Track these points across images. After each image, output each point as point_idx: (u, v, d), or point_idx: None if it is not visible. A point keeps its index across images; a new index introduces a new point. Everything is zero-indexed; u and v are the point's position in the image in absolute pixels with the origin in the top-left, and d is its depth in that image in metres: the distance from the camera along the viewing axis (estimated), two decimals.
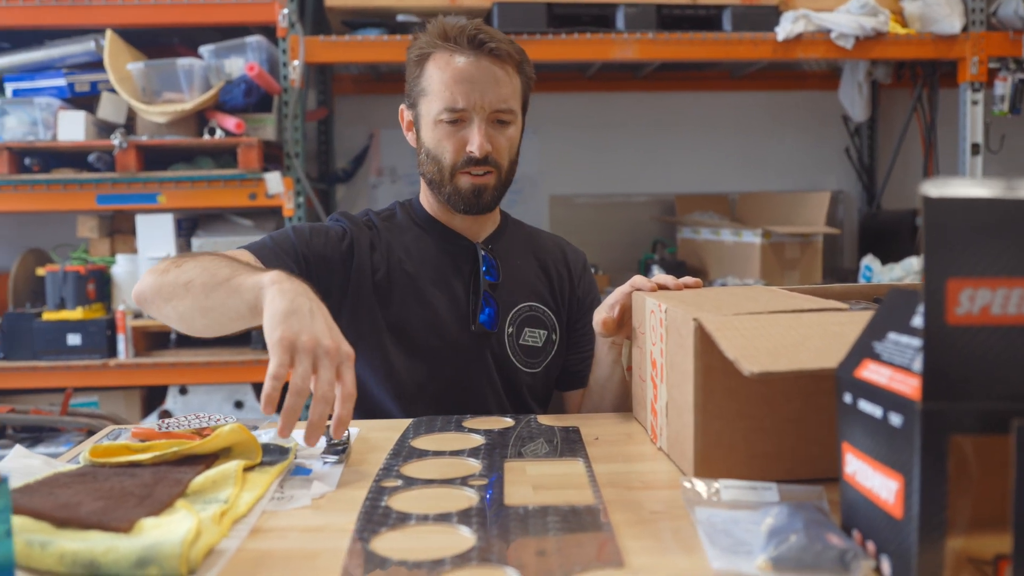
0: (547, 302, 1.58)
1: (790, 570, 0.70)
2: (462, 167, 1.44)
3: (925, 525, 0.64)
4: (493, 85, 1.42)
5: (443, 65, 1.43)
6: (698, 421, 0.95)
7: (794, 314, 0.98)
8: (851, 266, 3.80)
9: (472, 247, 1.53)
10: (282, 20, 2.89)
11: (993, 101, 3.15)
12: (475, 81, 1.41)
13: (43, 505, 0.82)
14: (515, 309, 1.53)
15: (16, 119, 2.86)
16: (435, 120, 1.44)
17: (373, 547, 0.79)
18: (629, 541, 0.79)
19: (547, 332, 1.56)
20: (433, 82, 1.44)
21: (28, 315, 2.94)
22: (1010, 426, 0.60)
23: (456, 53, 1.42)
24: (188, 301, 1.18)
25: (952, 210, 0.63)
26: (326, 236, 1.46)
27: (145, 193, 2.88)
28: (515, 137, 1.49)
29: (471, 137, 1.42)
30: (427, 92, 1.45)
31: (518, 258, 1.58)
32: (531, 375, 1.53)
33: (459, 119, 1.43)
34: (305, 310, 1.02)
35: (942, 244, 0.63)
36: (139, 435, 1.12)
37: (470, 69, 1.41)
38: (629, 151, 3.85)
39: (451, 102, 1.41)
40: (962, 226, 0.63)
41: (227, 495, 0.90)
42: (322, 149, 3.69)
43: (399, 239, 1.52)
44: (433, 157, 1.47)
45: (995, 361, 0.63)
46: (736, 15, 3.02)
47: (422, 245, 1.53)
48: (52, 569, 0.73)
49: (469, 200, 1.46)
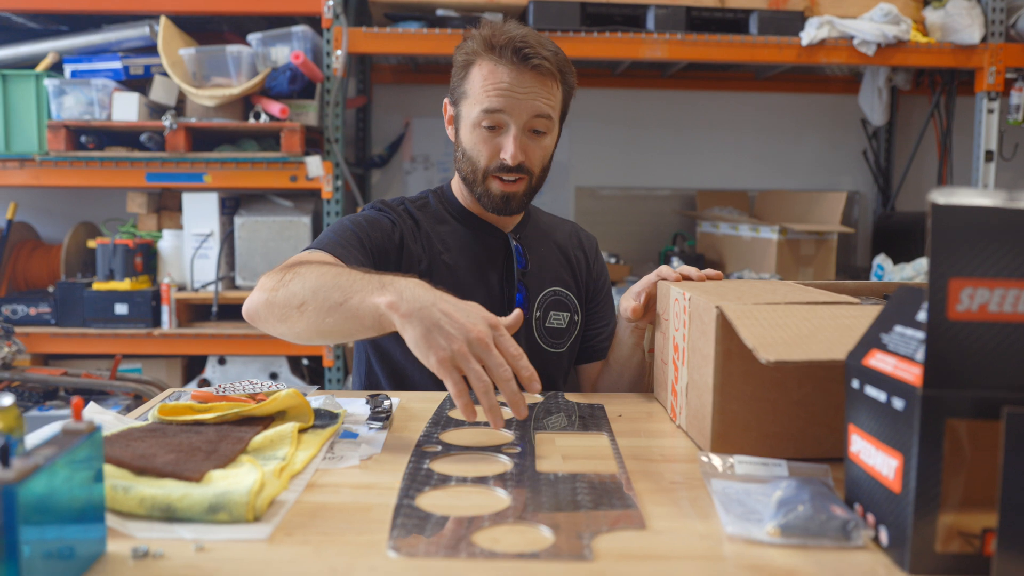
0: (569, 286, 1.63)
1: (796, 537, 0.75)
2: (494, 172, 1.47)
3: (920, 499, 0.69)
4: (532, 98, 1.43)
5: (486, 73, 1.44)
6: (716, 401, 1.01)
7: (809, 306, 1.02)
8: (864, 265, 3.82)
9: (504, 237, 1.58)
10: (327, 11, 2.94)
11: (1008, 110, 3.16)
12: (514, 93, 1.42)
13: (123, 454, 0.88)
14: (542, 294, 1.58)
15: (74, 99, 2.93)
16: (474, 124, 1.46)
17: (418, 503, 0.85)
18: (651, 507, 0.85)
19: (570, 314, 1.62)
20: (475, 87, 1.45)
21: (79, 284, 3.02)
22: (1001, 413, 0.64)
23: (500, 63, 1.43)
24: (303, 323, 1.16)
25: (956, 216, 0.67)
26: (381, 228, 1.49)
27: (192, 172, 2.95)
28: (549, 147, 1.51)
29: (505, 145, 1.44)
30: (468, 95, 1.47)
31: (542, 246, 1.63)
32: (557, 355, 1.59)
33: (496, 125, 1.45)
34: (436, 321, 1.01)
35: (946, 247, 0.67)
36: (198, 397, 1.18)
37: (511, 81, 1.42)
38: (654, 146, 3.88)
39: (489, 110, 1.43)
40: (965, 231, 0.67)
41: (284, 453, 0.96)
42: (360, 135, 3.75)
43: (436, 229, 1.56)
44: (468, 158, 1.50)
45: (990, 354, 0.67)
46: (763, 19, 3.04)
47: (458, 236, 1.57)
48: (133, 511, 0.79)
49: (498, 204, 1.50)
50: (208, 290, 3.06)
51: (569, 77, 1.51)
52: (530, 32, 1.46)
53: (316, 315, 1.14)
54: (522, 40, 1.42)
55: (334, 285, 1.13)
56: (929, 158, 3.76)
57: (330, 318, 1.12)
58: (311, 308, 1.14)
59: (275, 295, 1.19)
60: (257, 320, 1.24)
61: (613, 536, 0.77)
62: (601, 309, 1.69)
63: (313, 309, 1.14)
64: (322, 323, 1.14)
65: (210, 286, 3.06)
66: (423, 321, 1.02)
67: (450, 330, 1.01)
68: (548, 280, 1.61)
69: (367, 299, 1.08)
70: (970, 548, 0.69)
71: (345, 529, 0.79)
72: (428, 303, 1.03)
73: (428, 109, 3.76)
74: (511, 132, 1.44)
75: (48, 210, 3.60)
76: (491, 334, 1.02)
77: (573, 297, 1.63)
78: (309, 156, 2.93)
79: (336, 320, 1.12)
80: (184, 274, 3.10)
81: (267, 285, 1.22)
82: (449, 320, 1.01)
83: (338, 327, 1.13)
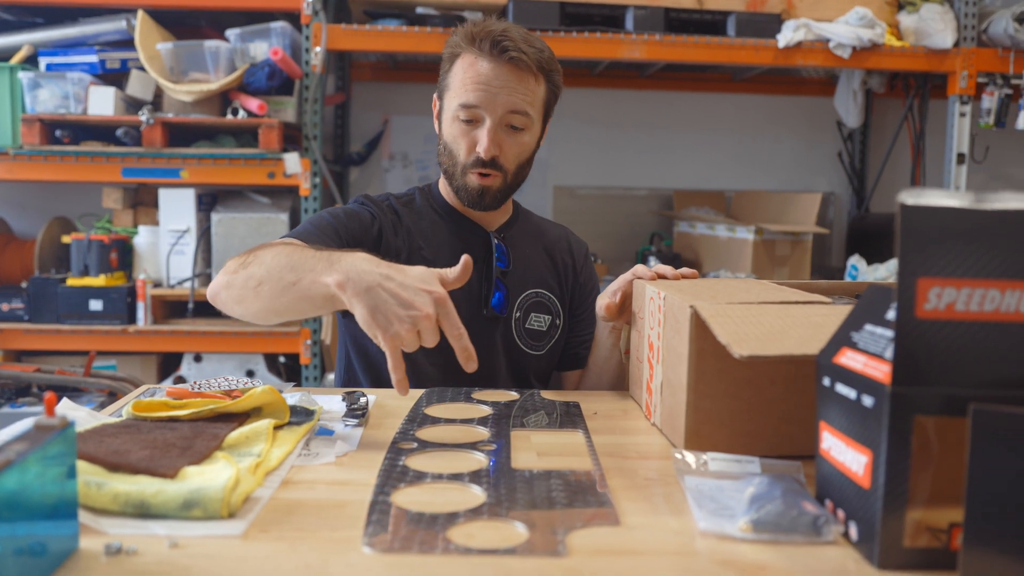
0: (552, 289, 1.63)
1: (768, 532, 0.76)
2: (471, 166, 1.47)
3: (889, 494, 0.70)
4: (508, 91, 1.43)
5: (466, 66, 1.45)
6: (690, 399, 1.01)
7: (782, 305, 1.03)
8: (838, 265, 3.86)
9: (486, 235, 1.58)
10: (306, 7, 2.93)
11: (980, 114, 3.20)
12: (490, 85, 1.43)
13: (96, 451, 0.88)
14: (523, 295, 1.58)
15: (49, 92, 2.90)
16: (452, 117, 1.47)
17: (394, 500, 0.85)
18: (625, 503, 0.85)
19: (551, 317, 1.61)
20: (456, 80, 1.46)
21: (53, 280, 2.99)
22: (967, 410, 0.65)
23: (480, 57, 1.43)
24: (259, 304, 1.20)
25: (925, 217, 0.68)
26: (359, 220, 1.49)
27: (169, 168, 2.93)
28: (527, 144, 1.51)
29: (480, 139, 1.45)
30: (450, 88, 1.48)
31: (528, 247, 1.63)
32: (536, 357, 1.59)
33: (472, 119, 1.45)
34: (383, 298, 1.03)
35: (915, 247, 0.68)
36: (173, 394, 1.17)
37: (488, 73, 1.43)
38: (632, 146, 3.89)
39: (466, 104, 1.44)
40: (933, 232, 0.68)
41: (260, 449, 0.96)
42: (338, 132, 3.74)
43: (418, 224, 1.56)
44: (449, 151, 1.50)
45: (957, 352, 0.68)
46: (740, 21, 3.06)
47: (439, 231, 1.56)
48: (107, 507, 0.79)
49: (473, 197, 1.50)
50: (184, 287, 3.04)
51: (555, 76, 1.51)
52: (514, 27, 1.46)
53: (271, 295, 1.18)
54: (502, 33, 1.42)
55: (287, 265, 1.16)
56: (903, 160, 3.80)
57: (283, 298, 1.16)
58: (266, 288, 1.18)
59: (235, 277, 1.22)
60: (217, 301, 1.28)
61: (587, 532, 0.77)
62: (588, 316, 1.67)
63: (268, 289, 1.18)
64: (276, 302, 1.18)
65: (186, 283, 3.04)
66: (370, 300, 1.04)
67: (396, 309, 1.02)
68: (531, 281, 1.60)
69: (318, 279, 1.11)
70: (937, 543, 0.70)
71: (320, 525, 0.79)
72: (374, 282, 1.05)
73: (407, 107, 3.76)
74: (486, 126, 1.44)
75: (22, 204, 3.56)
76: (436, 311, 1.04)
77: (556, 301, 1.63)
78: (287, 153, 2.91)
79: (289, 299, 1.16)
80: (160, 270, 3.08)
81: (229, 268, 1.25)
82: (395, 299, 1.03)
83: (292, 306, 1.18)
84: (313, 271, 1.12)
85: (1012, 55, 3.10)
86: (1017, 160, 3.90)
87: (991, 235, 0.68)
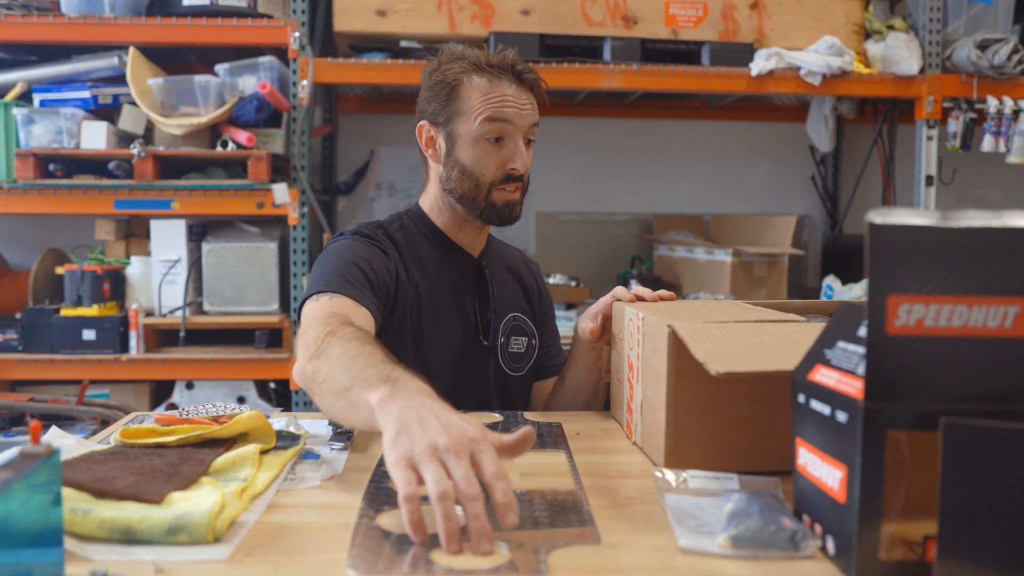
0: (525, 311, 1.64)
1: (747, 548, 0.75)
2: (500, 183, 1.48)
3: (864, 508, 0.69)
4: (529, 109, 1.49)
5: (486, 89, 1.46)
6: (669, 418, 1.01)
7: (757, 324, 1.03)
8: (814, 285, 3.86)
9: (475, 262, 1.57)
10: (293, 43, 2.93)
11: (946, 137, 3.22)
12: (517, 103, 1.47)
13: (83, 478, 0.86)
14: (505, 320, 1.58)
15: (42, 127, 2.89)
16: (476, 138, 1.46)
17: (378, 523, 0.83)
18: (606, 522, 0.84)
19: (528, 338, 1.62)
20: (473, 103, 1.46)
21: (47, 311, 2.96)
22: (938, 424, 0.65)
23: (500, 79, 1.47)
24: (323, 402, 1.05)
25: (893, 235, 0.68)
26: (382, 264, 1.44)
27: (160, 200, 2.91)
28: (532, 157, 1.55)
29: (514, 155, 1.47)
30: (464, 112, 1.47)
31: (501, 272, 1.63)
32: (518, 379, 1.59)
33: (500, 137, 1.47)
34: (413, 421, 0.84)
35: (884, 265, 0.68)
36: (162, 420, 1.16)
37: (513, 93, 1.47)
38: (612, 173, 3.90)
39: (495, 119, 1.45)
40: (902, 250, 0.68)
41: (246, 474, 0.95)
42: (326, 163, 3.73)
43: (413, 253, 1.53)
44: (470, 174, 1.47)
45: (928, 367, 0.68)
46: (714, 51, 3.08)
47: (434, 258, 1.54)
48: (93, 534, 0.77)
49: (504, 214, 1.50)
50: (176, 315, 3.01)
51: (543, 100, 1.57)
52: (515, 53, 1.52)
53: (328, 396, 1.03)
54: (514, 59, 1.49)
55: (346, 370, 1.02)
56: (874, 183, 3.82)
57: (337, 402, 1.01)
58: (326, 389, 1.04)
59: (307, 367, 1.10)
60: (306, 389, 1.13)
61: (569, 551, 0.76)
62: (550, 329, 1.72)
63: (327, 390, 1.04)
64: (331, 407, 1.04)
65: (178, 311, 3.01)
66: (399, 421, 0.85)
67: (421, 434, 0.82)
68: (509, 306, 1.61)
69: (366, 390, 0.95)
70: (912, 555, 0.70)
71: (305, 549, 0.77)
72: (416, 405, 0.87)
73: (393, 138, 3.76)
74: (517, 142, 1.47)
75: (16, 237, 3.53)
76: (471, 445, 0.82)
77: (529, 322, 1.64)
78: (276, 183, 2.90)
79: (340, 408, 1.01)
80: (152, 300, 3.05)
81: (307, 355, 1.12)
82: (424, 426, 0.83)
83: (342, 414, 1.02)
84: (364, 380, 0.97)
85: (975, 80, 3.13)
86: (983, 181, 3.94)
87: (958, 252, 0.68)
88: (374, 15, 2.96)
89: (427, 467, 0.79)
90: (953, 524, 0.65)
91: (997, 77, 3.12)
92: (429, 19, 2.96)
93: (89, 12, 2.88)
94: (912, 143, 3.29)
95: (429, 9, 2.96)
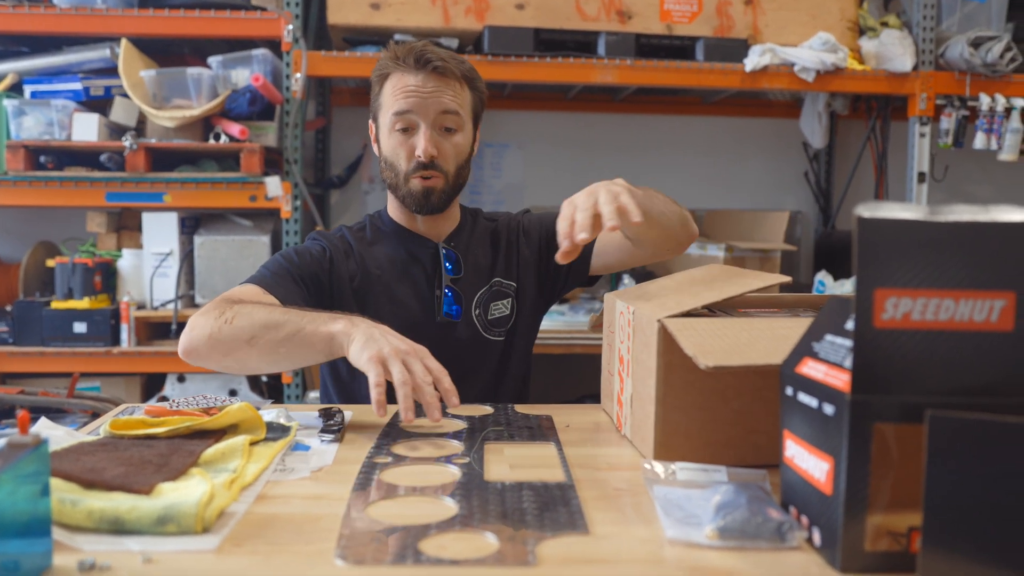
0: (505, 274, 1.66)
1: (734, 539, 0.76)
2: (413, 172, 1.53)
3: (850, 500, 0.70)
4: (437, 96, 1.51)
5: (395, 81, 1.52)
6: (659, 412, 1.01)
7: (746, 318, 1.03)
8: (806, 281, 3.88)
9: (434, 246, 1.62)
10: (287, 35, 2.93)
11: (939, 135, 3.23)
12: (420, 93, 1.50)
13: (72, 468, 0.86)
14: (479, 293, 1.62)
15: (33, 119, 2.88)
16: (389, 130, 1.54)
17: (367, 513, 0.84)
18: (595, 513, 0.85)
19: (512, 299, 1.66)
20: (387, 97, 1.54)
21: (38, 304, 2.95)
22: (924, 416, 0.66)
23: (406, 71, 1.51)
24: (254, 354, 1.28)
25: (881, 229, 0.69)
26: (310, 256, 1.55)
27: (152, 192, 2.90)
28: (462, 145, 1.57)
29: (418, 143, 1.51)
30: (383, 106, 1.55)
31: (479, 247, 1.67)
32: (497, 342, 1.63)
33: (408, 127, 1.52)
34: (377, 336, 1.17)
35: (872, 258, 0.68)
36: (152, 412, 1.16)
37: (416, 83, 1.51)
38: (606, 167, 3.90)
39: (399, 112, 1.51)
40: (890, 243, 0.68)
41: (235, 465, 0.95)
42: (319, 156, 3.73)
43: (369, 249, 1.61)
44: (390, 164, 1.56)
45: (914, 360, 0.69)
46: (708, 46, 3.08)
47: (389, 250, 1.61)
48: (81, 524, 0.77)
49: (420, 201, 1.55)
50: (168, 308, 3.01)
51: (478, 84, 1.59)
52: (432, 45, 1.55)
53: (267, 346, 1.26)
54: (423, 48, 1.52)
55: (284, 320, 1.26)
56: (866, 179, 3.83)
57: (282, 347, 1.25)
58: (262, 341, 1.26)
59: (220, 332, 1.28)
60: (197, 356, 1.32)
61: (557, 542, 0.77)
62: None
63: (265, 341, 1.26)
64: (273, 353, 1.26)
65: (169, 304, 3.01)
66: (365, 334, 1.18)
67: (385, 341, 1.16)
68: (484, 278, 1.64)
69: (320, 328, 1.23)
70: (897, 546, 0.70)
71: (294, 539, 0.77)
72: (372, 326, 1.21)
73: None
74: (421, 131, 1.51)
75: (6, 229, 3.52)
76: (420, 352, 1.17)
77: (511, 282, 1.67)
78: (268, 176, 2.90)
79: (287, 350, 1.25)
80: (143, 293, 3.05)
81: (206, 324, 1.30)
82: (386, 335, 1.18)
83: (289, 354, 1.26)
84: (314, 323, 1.24)
85: (968, 78, 3.14)
86: (975, 178, 3.95)
87: (945, 246, 0.68)
88: (368, 8, 2.95)
89: (394, 363, 1.12)
90: (937, 516, 0.65)
91: (990, 75, 3.13)
92: (423, 13, 2.96)
93: (81, 3, 2.87)
94: (905, 140, 3.30)
95: (423, 3, 2.96)
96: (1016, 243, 0.69)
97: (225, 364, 1.31)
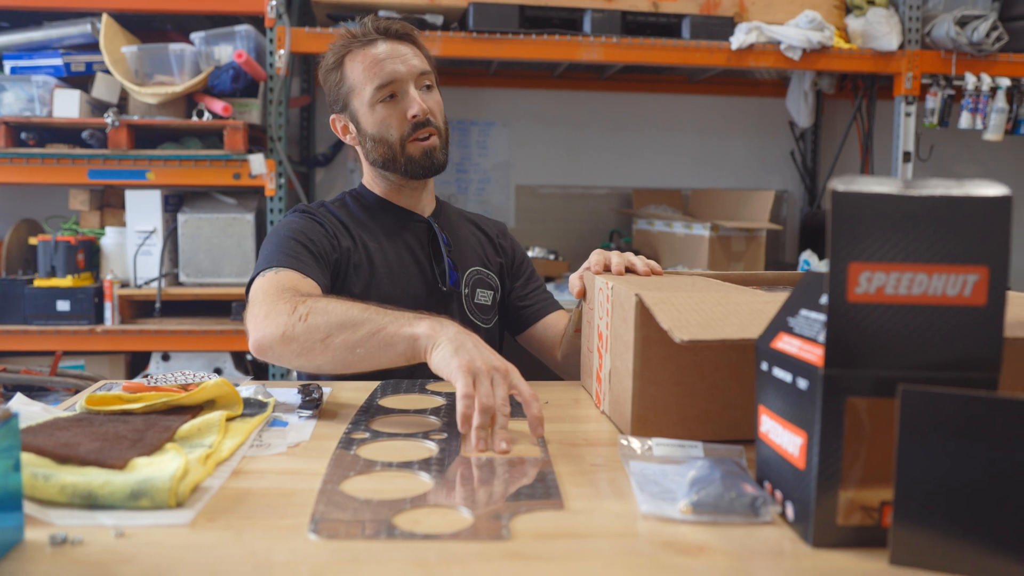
0: (488, 266, 1.69)
1: (707, 514, 0.76)
2: (409, 135, 1.53)
3: (823, 474, 0.70)
4: (409, 57, 1.54)
5: (362, 57, 1.53)
6: (636, 386, 1.01)
7: (723, 294, 1.03)
8: (792, 260, 3.88)
9: (424, 220, 1.63)
10: (270, 11, 2.90)
11: (924, 114, 3.23)
12: (394, 57, 1.53)
13: (45, 443, 0.86)
14: (468, 272, 1.63)
15: (14, 95, 2.85)
16: (371, 105, 1.53)
17: (343, 488, 0.83)
18: (570, 488, 0.85)
19: (493, 292, 1.67)
20: (357, 75, 1.54)
21: (20, 282, 2.93)
22: (896, 391, 0.66)
23: (368, 45, 1.53)
24: (329, 355, 1.17)
25: (856, 203, 0.68)
26: (319, 234, 1.50)
27: (135, 169, 2.88)
28: (440, 101, 1.60)
29: (409, 104, 1.52)
30: (355, 87, 1.55)
31: (459, 228, 1.69)
32: (486, 331, 1.63)
33: (393, 93, 1.52)
34: (469, 345, 1.06)
35: (846, 232, 0.68)
36: (129, 388, 1.15)
37: (386, 49, 1.53)
38: (592, 146, 3.89)
39: (383, 80, 1.51)
40: (864, 217, 0.68)
41: (211, 441, 0.94)
42: (304, 134, 3.70)
43: (359, 222, 1.60)
44: (380, 138, 1.55)
45: (887, 334, 0.68)
46: (695, 24, 3.07)
47: (381, 225, 1.60)
48: (54, 499, 0.77)
49: (425, 164, 1.55)
50: (151, 287, 2.99)
51: (424, 47, 1.61)
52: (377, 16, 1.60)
53: (344, 346, 1.16)
54: (376, 20, 1.55)
55: (363, 318, 1.16)
56: (852, 158, 3.83)
57: (360, 348, 1.15)
58: (338, 341, 1.16)
59: (294, 330, 1.19)
60: (269, 354, 1.24)
61: (531, 517, 0.77)
62: (533, 277, 1.77)
63: (341, 342, 1.16)
64: (350, 355, 1.16)
65: (153, 283, 2.99)
66: (454, 341, 1.07)
67: (477, 352, 1.05)
68: (472, 259, 1.66)
69: (403, 328, 1.12)
70: (869, 520, 0.70)
71: (267, 513, 0.77)
72: (460, 331, 1.10)
73: None
74: (409, 91, 1.52)
75: None
76: (510, 372, 1.05)
77: (495, 277, 1.69)
78: (252, 154, 2.88)
79: (366, 351, 1.14)
80: (127, 271, 3.03)
81: (279, 320, 1.21)
82: (478, 346, 1.07)
83: (368, 356, 1.15)
84: (395, 323, 1.13)
85: (954, 57, 3.14)
86: (960, 157, 3.96)
87: (919, 220, 0.68)
88: None
89: (483, 379, 1.01)
90: (909, 490, 0.66)
91: (976, 54, 3.13)
92: None
93: None
94: (891, 119, 3.30)
95: None
96: (990, 217, 0.68)
97: (299, 363, 1.22)
